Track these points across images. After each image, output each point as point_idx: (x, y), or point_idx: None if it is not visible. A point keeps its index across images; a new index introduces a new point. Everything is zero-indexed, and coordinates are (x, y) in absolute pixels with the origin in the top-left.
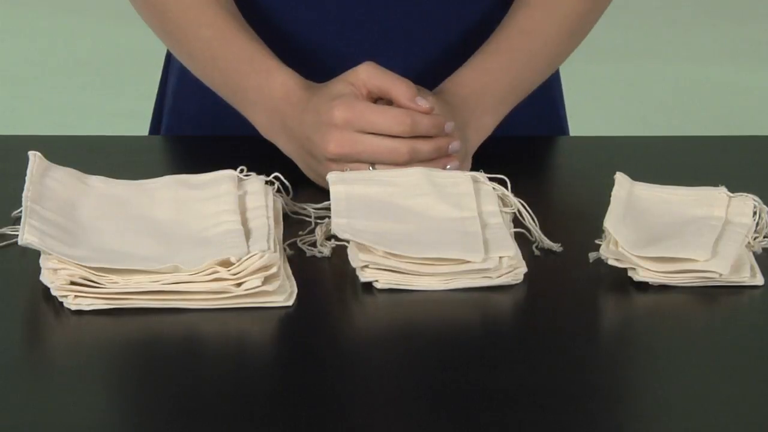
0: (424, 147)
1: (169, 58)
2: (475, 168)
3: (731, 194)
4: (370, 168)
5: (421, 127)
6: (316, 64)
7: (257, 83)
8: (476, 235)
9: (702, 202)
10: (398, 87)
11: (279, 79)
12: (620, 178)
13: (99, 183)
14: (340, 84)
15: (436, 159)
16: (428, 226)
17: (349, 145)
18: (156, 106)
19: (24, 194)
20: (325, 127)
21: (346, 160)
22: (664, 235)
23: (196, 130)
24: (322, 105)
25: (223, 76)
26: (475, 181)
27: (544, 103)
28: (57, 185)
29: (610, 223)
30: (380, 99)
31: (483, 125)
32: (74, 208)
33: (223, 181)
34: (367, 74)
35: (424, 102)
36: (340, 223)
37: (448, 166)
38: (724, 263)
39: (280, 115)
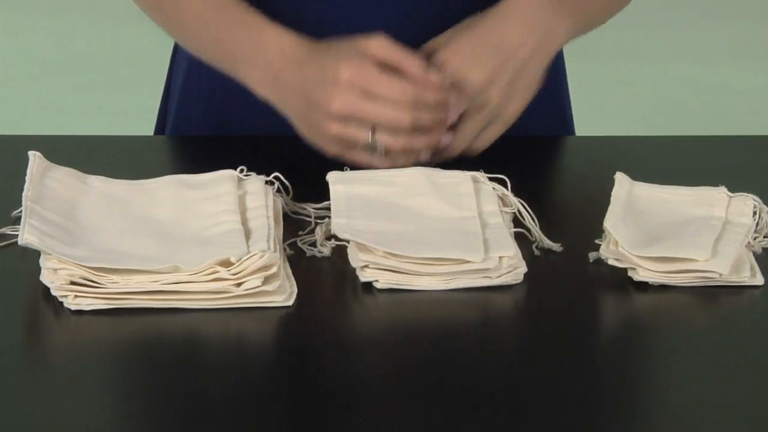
0: (426, 117)
1: (175, 58)
2: (475, 168)
3: (731, 194)
4: (370, 134)
5: (426, 100)
6: None
7: (249, 40)
8: (476, 235)
9: (702, 202)
10: (409, 59)
11: (272, 34)
12: (620, 178)
13: (99, 183)
14: (349, 46)
15: (435, 131)
16: (428, 226)
17: (354, 104)
18: (161, 106)
19: (24, 194)
20: (330, 85)
21: (349, 120)
22: (664, 235)
23: (202, 131)
24: (328, 62)
25: (216, 41)
26: (475, 181)
27: (554, 103)
28: (57, 185)
29: (610, 223)
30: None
31: (558, 31)
32: (74, 208)
33: (223, 181)
34: (380, 44)
35: (434, 75)
36: (339, 223)
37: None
38: (724, 263)
39: (274, 70)
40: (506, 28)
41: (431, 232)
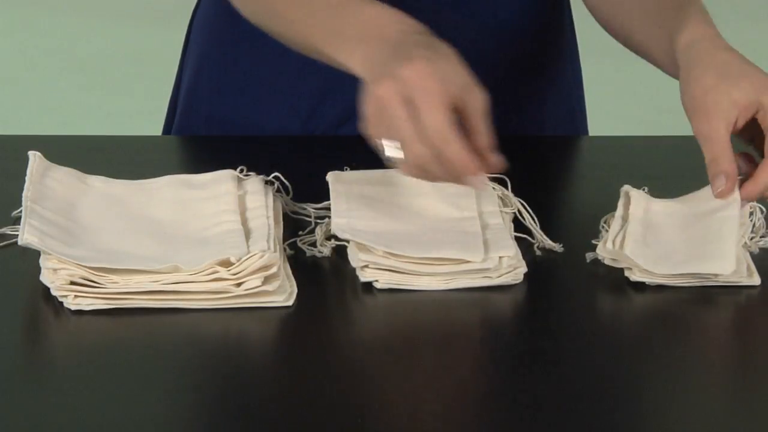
0: (435, 171)
1: (184, 58)
2: None
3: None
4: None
5: (444, 161)
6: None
7: (365, 16)
8: (476, 235)
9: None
10: (481, 125)
11: (374, 9)
12: (635, 195)
13: (99, 183)
14: (457, 65)
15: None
16: (428, 226)
17: (392, 99)
18: (170, 105)
19: (24, 194)
20: (405, 60)
21: (382, 106)
22: (687, 248)
23: (209, 130)
24: (430, 47)
25: (314, 18)
26: None
27: (568, 104)
28: (57, 185)
29: (629, 248)
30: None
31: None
32: (74, 208)
33: (223, 180)
34: (475, 96)
35: (493, 158)
36: (339, 223)
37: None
38: (727, 263)
39: (392, 42)
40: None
41: (431, 232)
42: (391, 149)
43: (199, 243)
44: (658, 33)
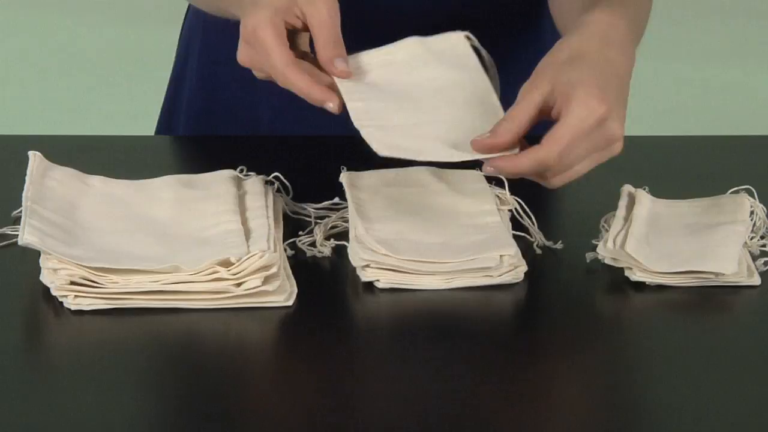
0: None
1: (186, 58)
2: (472, 166)
3: (735, 194)
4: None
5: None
6: None
7: None
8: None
9: (724, 209)
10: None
11: None
12: (640, 195)
13: (99, 183)
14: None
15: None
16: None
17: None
18: (165, 105)
19: (24, 194)
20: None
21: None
22: (690, 249)
23: (206, 130)
24: (249, 15)
25: None
26: (468, 39)
27: None
28: (57, 185)
29: (631, 246)
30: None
31: (629, 52)
32: (74, 207)
33: (223, 180)
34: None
35: (341, 64)
36: (357, 108)
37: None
38: (729, 264)
39: None
40: (612, 54)
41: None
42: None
43: (199, 243)
44: (576, 15)
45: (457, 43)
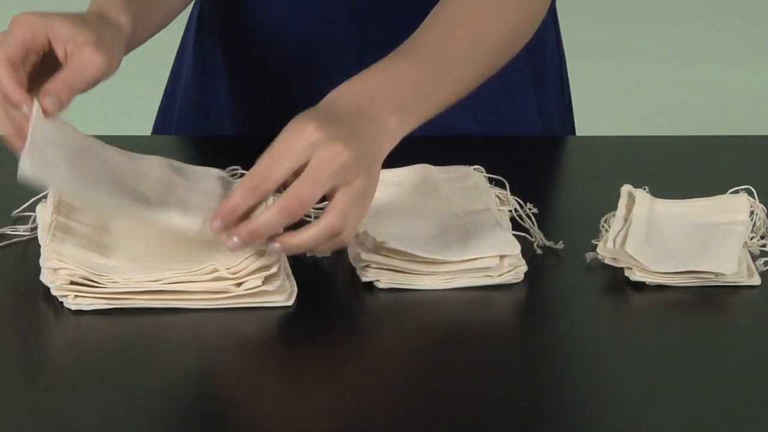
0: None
1: (181, 57)
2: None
3: (735, 194)
4: None
5: None
6: (294, 56)
7: None
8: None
9: (724, 209)
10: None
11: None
12: (640, 195)
13: (95, 144)
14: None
15: None
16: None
17: None
18: (162, 105)
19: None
20: None
21: None
22: (689, 248)
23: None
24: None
25: None
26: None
27: (555, 103)
28: (58, 134)
29: (631, 246)
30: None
31: (388, 128)
32: (74, 154)
33: (211, 178)
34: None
35: (46, 101)
36: (394, 234)
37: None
38: (729, 264)
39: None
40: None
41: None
42: None
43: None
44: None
45: (467, 176)
